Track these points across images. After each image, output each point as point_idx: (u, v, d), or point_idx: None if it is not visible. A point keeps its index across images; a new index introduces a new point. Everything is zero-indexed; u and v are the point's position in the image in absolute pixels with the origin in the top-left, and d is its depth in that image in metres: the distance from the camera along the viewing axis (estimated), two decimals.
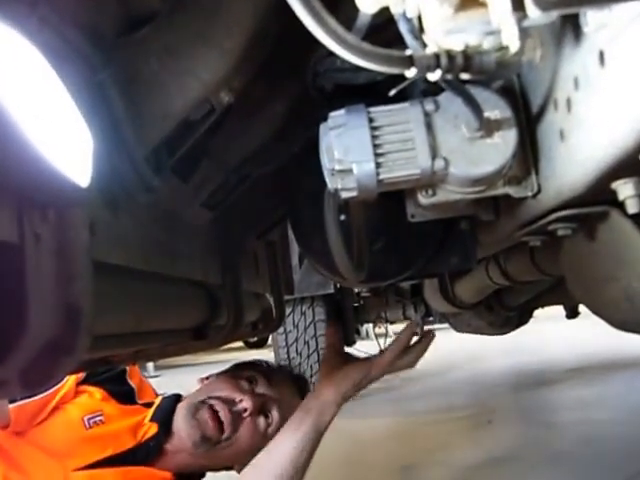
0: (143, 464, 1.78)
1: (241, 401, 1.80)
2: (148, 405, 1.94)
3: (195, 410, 1.80)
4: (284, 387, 1.93)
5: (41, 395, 1.73)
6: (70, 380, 1.83)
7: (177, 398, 1.94)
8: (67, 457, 1.72)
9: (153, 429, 1.83)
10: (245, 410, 1.79)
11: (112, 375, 1.95)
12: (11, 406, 1.67)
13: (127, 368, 1.99)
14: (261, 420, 1.83)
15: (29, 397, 1.69)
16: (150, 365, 8.98)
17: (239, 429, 1.80)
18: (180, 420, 1.81)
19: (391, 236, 1.40)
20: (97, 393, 1.88)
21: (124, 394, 1.94)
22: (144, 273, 1.06)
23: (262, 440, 1.75)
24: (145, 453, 1.79)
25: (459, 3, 0.56)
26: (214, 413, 1.78)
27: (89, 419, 1.80)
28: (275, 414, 1.85)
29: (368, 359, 1.69)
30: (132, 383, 1.99)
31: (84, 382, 1.89)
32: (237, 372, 1.95)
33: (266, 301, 2.26)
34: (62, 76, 0.58)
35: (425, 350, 1.71)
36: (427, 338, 1.72)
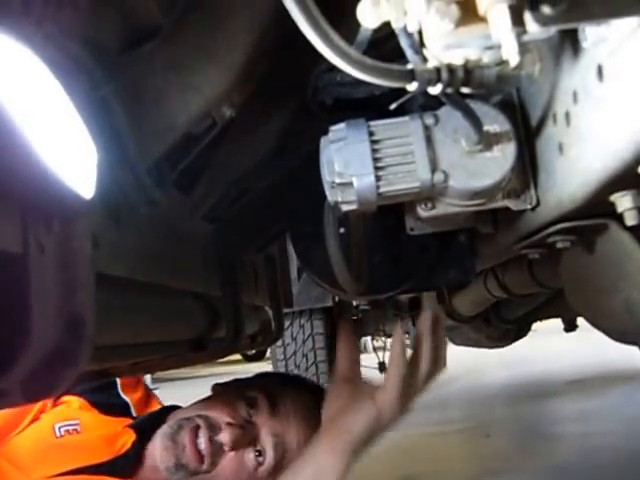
0: (120, 477, 1.56)
1: (224, 430, 1.52)
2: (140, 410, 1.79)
3: (177, 429, 1.54)
4: (292, 417, 1.60)
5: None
6: None
7: (171, 408, 1.75)
8: (32, 468, 1.55)
9: (131, 439, 1.62)
10: (224, 444, 1.51)
11: (98, 386, 1.76)
12: None
13: (117, 381, 1.80)
14: (250, 456, 1.53)
15: None
16: (148, 378, 8.96)
17: (219, 463, 1.51)
18: (158, 438, 1.57)
19: (390, 249, 1.40)
20: (75, 402, 1.69)
21: (112, 406, 1.75)
22: (144, 285, 1.06)
23: (253, 475, 1.52)
24: (122, 465, 1.57)
25: (459, 18, 0.57)
26: (195, 438, 1.51)
27: (60, 427, 1.62)
28: (269, 452, 1.54)
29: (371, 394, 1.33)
30: (126, 397, 1.79)
31: (64, 393, 1.69)
32: (244, 388, 1.69)
33: (265, 314, 2.26)
34: (67, 90, 0.59)
35: (441, 339, 1.36)
36: (431, 324, 1.34)
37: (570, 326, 3.78)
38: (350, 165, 0.91)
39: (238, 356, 9.62)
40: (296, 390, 1.72)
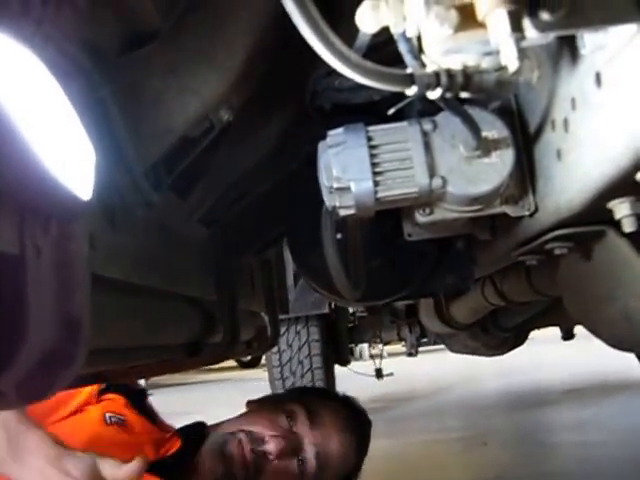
0: (163, 478, 1.60)
1: (269, 441, 1.60)
2: (167, 428, 1.83)
3: (223, 442, 1.62)
4: (332, 428, 1.67)
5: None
6: (90, 387, 1.72)
7: (202, 424, 1.81)
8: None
9: (176, 445, 1.70)
10: (270, 453, 1.59)
11: (132, 390, 1.84)
12: None
13: (146, 391, 1.88)
14: (293, 465, 1.61)
15: None
16: (142, 383, 8.94)
17: (264, 471, 1.59)
18: (207, 449, 1.65)
19: (388, 255, 1.40)
20: (120, 399, 1.76)
21: (145, 410, 1.81)
22: (140, 288, 1.06)
23: None
24: (167, 467, 1.63)
25: (458, 23, 0.57)
26: (242, 450, 1.59)
27: (110, 416, 1.68)
28: (312, 461, 1.61)
29: None
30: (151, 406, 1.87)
31: (106, 391, 1.78)
32: (281, 403, 1.76)
33: (261, 320, 2.26)
34: (66, 91, 0.59)
35: None
36: None
37: (567, 334, 3.78)
38: (348, 170, 0.91)
39: (233, 363, 9.60)
40: (332, 402, 1.80)
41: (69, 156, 0.57)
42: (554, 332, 3.75)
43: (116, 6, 0.84)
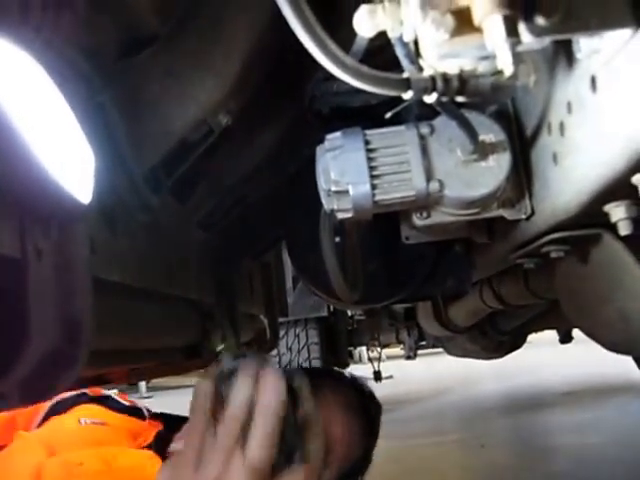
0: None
1: None
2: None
3: None
4: (334, 408, 1.40)
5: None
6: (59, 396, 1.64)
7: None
8: (58, 451, 1.48)
9: (154, 432, 1.56)
10: None
11: (100, 396, 1.72)
12: None
13: (112, 393, 1.76)
14: None
15: None
16: (142, 386, 8.93)
17: None
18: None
19: (386, 258, 1.41)
20: (92, 407, 1.66)
21: (126, 408, 1.70)
22: (139, 290, 1.06)
23: None
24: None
25: (455, 28, 0.58)
26: None
27: (85, 420, 1.58)
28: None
29: None
30: (125, 402, 1.74)
31: (75, 404, 1.67)
32: None
33: (260, 322, 2.26)
34: (65, 96, 0.59)
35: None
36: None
37: (565, 338, 3.78)
38: (346, 173, 0.92)
39: None
40: (336, 381, 1.56)
41: (69, 160, 0.58)
42: (552, 335, 3.75)
43: (115, 11, 0.85)
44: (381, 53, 0.82)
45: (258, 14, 0.95)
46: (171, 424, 1.58)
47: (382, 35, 0.66)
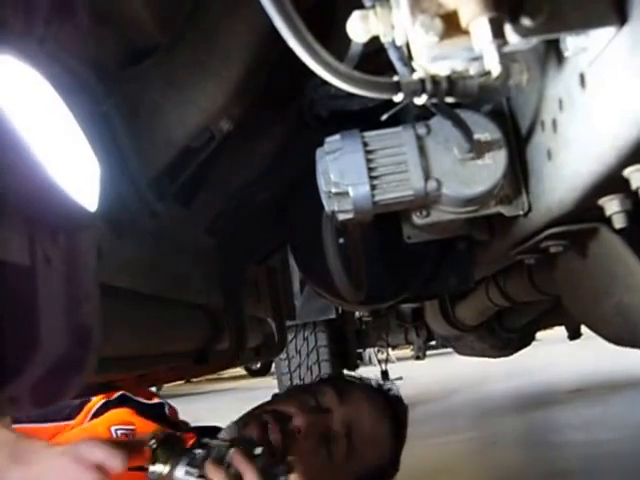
0: None
1: (295, 417, 1.44)
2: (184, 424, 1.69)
3: (242, 425, 1.47)
4: (361, 405, 1.54)
5: (56, 423, 1.53)
6: (93, 401, 1.62)
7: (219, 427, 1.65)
8: None
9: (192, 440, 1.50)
10: (298, 430, 1.43)
11: (124, 397, 1.67)
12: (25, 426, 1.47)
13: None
14: (321, 443, 1.47)
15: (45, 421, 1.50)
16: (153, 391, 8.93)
17: (291, 452, 1.40)
18: (223, 434, 1.49)
19: (389, 258, 1.42)
20: (124, 411, 1.61)
21: (151, 409, 1.66)
22: (147, 296, 1.08)
23: (328, 463, 1.45)
24: None
25: (443, 31, 0.59)
26: (263, 431, 1.42)
27: (117, 429, 1.55)
28: (342, 437, 1.48)
29: None
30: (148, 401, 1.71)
31: (105, 408, 1.63)
32: (309, 386, 1.64)
33: (268, 326, 2.27)
34: (70, 106, 0.61)
35: None
36: None
37: (574, 334, 3.78)
38: (346, 175, 0.93)
39: (243, 371, 9.61)
40: (360, 384, 1.67)
41: (75, 169, 0.60)
42: (561, 332, 3.75)
43: (116, 23, 0.87)
44: (378, 56, 0.84)
45: (256, 21, 0.97)
46: (204, 433, 1.57)
47: (377, 39, 0.68)
